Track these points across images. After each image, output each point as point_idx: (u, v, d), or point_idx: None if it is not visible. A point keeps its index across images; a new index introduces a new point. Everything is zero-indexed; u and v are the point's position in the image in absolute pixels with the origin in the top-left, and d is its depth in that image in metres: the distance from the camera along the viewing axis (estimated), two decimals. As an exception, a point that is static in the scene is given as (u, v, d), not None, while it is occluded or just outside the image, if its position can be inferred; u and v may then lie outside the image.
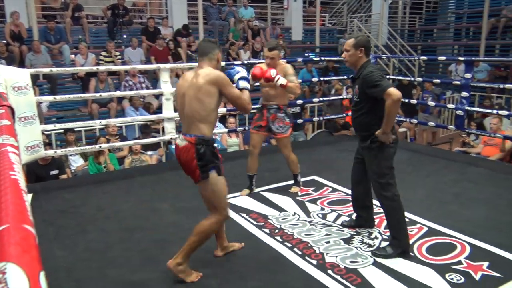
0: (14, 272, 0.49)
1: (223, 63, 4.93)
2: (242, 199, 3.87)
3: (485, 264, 2.68)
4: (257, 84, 3.85)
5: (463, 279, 2.52)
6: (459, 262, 2.71)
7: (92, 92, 7.31)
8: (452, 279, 2.53)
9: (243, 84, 2.67)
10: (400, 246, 2.80)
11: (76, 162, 5.72)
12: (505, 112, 5.35)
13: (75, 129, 5.63)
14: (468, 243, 2.96)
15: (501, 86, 5.32)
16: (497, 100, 8.55)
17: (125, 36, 9.56)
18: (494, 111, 5.35)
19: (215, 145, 2.56)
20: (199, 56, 2.61)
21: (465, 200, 3.78)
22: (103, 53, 8.33)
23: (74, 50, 8.61)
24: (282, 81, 3.64)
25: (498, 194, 3.88)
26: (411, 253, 2.82)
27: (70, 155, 5.61)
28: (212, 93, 2.44)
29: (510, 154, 5.61)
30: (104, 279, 2.60)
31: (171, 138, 5.22)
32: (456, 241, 2.99)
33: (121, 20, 9.32)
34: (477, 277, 2.55)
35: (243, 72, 2.74)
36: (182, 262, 2.51)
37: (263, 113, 3.95)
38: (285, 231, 3.21)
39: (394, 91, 2.63)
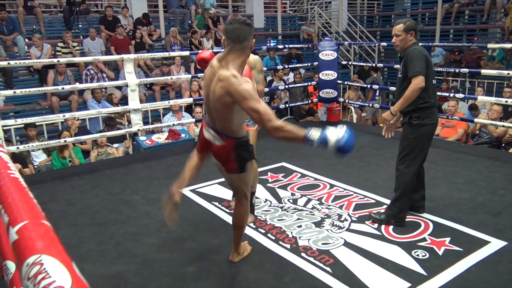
0: (51, 263, 0.52)
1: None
2: (213, 188, 3.90)
3: (447, 239, 2.85)
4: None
5: (427, 255, 2.68)
6: (424, 239, 2.88)
7: (50, 84, 7.07)
8: (418, 255, 2.68)
9: (314, 136, 1.93)
10: (391, 216, 3.07)
11: (39, 158, 5.55)
12: (461, 95, 5.62)
13: (37, 124, 5.44)
14: (431, 220, 3.13)
15: (457, 70, 5.57)
16: (453, 83, 8.92)
17: (81, 25, 9.25)
18: (451, 95, 5.60)
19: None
20: (229, 40, 2.10)
21: (426, 179, 3.94)
22: (60, 44, 8.04)
23: (27, 41, 8.26)
24: None
25: (457, 173, 4.10)
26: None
27: (32, 151, 5.43)
28: (230, 105, 2.09)
29: (466, 135, 5.91)
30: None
31: (138, 130, 5.16)
32: (420, 219, 3.16)
33: (77, 9, 8.99)
34: (440, 252, 2.72)
35: (332, 132, 1.92)
36: (239, 251, 2.66)
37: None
38: (258, 217, 3.28)
39: (419, 80, 2.77)
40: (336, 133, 1.90)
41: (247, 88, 2.00)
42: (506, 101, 4.95)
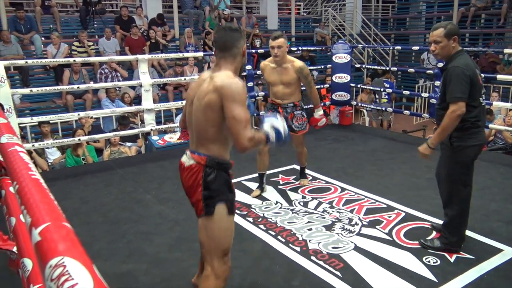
0: (74, 265, 0.54)
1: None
2: (224, 189, 3.91)
3: (459, 246, 2.82)
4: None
5: (439, 261, 2.66)
6: (435, 245, 2.85)
7: (66, 83, 7.17)
8: (429, 261, 2.66)
9: (267, 129, 1.92)
10: (447, 243, 2.77)
11: (53, 155, 5.63)
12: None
13: (51, 122, 5.52)
14: (443, 226, 3.10)
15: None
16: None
17: (96, 25, 9.36)
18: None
19: (230, 171, 1.99)
20: (218, 51, 1.95)
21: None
22: (76, 43, 8.15)
23: (44, 40, 8.39)
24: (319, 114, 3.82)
25: (470, 179, 4.06)
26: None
27: (47, 148, 5.51)
28: (218, 107, 1.84)
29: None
30: (91, 272, 2.61)
31: (151, 130, 5.21)
32: (431, 225, 3.13)
33: (93, 9, 9.11)
34: (452, 259, 2.69)
35: (278, 123, 1.95)
36: None
37: (278, 112, 3.63)
38: (268, 219, 3.28)
39: (457, 107, 2.45)
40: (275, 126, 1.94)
41: (241, 88, 1.84)
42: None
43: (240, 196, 3.75)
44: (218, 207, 1.90)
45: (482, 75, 2.61)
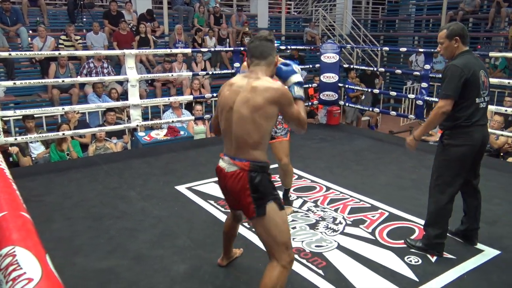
0: (24, 255, 0.52)
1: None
2: (209, 186, 3.90)
3: (441, 246, 2.85)
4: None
5: (420, 261, 2.68)
6: (417, 245, 2.87)
7: (52, 77, 7.08)
8: (410, 261, 2.68)
9: (299, 92, 2.09)
10: (427, 244, 2.77)
11: (37, 150, 5.55)
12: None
13: (35, 116, 5.44)
14: (426, 226, 3.12)
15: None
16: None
17: (85, 19, 9.25)
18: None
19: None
20: (253, 58, 2.05)
21: (423, 186, 3.95)
22: (63, 37, 8.04)
23: (30, 32, 8.26)
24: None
25: (453, 180, 4.10)
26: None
27: (30, 142, 5.43)
28: (272, 115, 1.95)
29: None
30: (71, 268, 2.58)
31: (137, 125, 5.17)
32: (414, 225, 3.16)
33: (81, 2, 8.99)
34: (433, 259, 2.71)
35: (299, 74, 2.13)
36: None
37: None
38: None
39: (444, 103, 2.52)
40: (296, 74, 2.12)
41: (288, 91, 2.02)
42: (506, 110, 4.95)
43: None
44: (269, 206, 1.97)
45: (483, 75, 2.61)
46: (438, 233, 2.73)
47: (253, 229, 2.08)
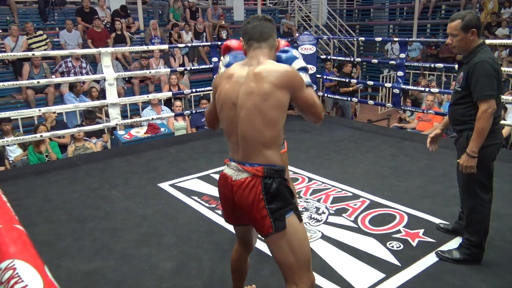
0: (24, 267, 0.53)
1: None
2: (192, 182, 3.90)
3: (421, 231, 2.93)
4: None
5: (402, 246, 2.76)
6: (398, 231, 2.95)
7: (25, 77, 6.93)
8: (392, 246, 2.76)
9: (306, 78, 1.76)
10: (468, 253, 2.55)
11: (14, 153, 5.44)
12: (436, 90, 5.75)
13: (12, 118, 5.32)
14: (406, 212, 3.21)
15: (432, 65, 5.69)
16: (429, 78, 9.09)
17: (57, 17, 9.06)
18: (427, 89, 5.71)
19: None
20: (252, 41, 1.74)
21: (402, 173, 4.07)
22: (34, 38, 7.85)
23: (1, 32, 8.05)
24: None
25: (431, 166, 4.21)
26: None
27: (7, 146, 5.32)
28: (285, 104, 1.64)
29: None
30: (57, 270, 2.56)
31: (116, 124, 5.12)
32: (395, 212, 3.24)
33: (53, 0, 8.80)
34: (414, 243, 2.79)
35: (301, 59, 1.87)
36: None
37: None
38: (237, 211, 3.30)
39: (490, 104, 2.25)
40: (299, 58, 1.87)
41: (298, 72, 1.73)
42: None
43: (208, 189, 3.75)
44: (289, 218, 1.65)
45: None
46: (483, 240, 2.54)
47: (271, 250, 1.70)
